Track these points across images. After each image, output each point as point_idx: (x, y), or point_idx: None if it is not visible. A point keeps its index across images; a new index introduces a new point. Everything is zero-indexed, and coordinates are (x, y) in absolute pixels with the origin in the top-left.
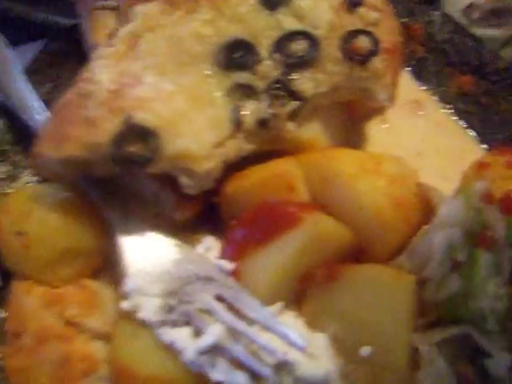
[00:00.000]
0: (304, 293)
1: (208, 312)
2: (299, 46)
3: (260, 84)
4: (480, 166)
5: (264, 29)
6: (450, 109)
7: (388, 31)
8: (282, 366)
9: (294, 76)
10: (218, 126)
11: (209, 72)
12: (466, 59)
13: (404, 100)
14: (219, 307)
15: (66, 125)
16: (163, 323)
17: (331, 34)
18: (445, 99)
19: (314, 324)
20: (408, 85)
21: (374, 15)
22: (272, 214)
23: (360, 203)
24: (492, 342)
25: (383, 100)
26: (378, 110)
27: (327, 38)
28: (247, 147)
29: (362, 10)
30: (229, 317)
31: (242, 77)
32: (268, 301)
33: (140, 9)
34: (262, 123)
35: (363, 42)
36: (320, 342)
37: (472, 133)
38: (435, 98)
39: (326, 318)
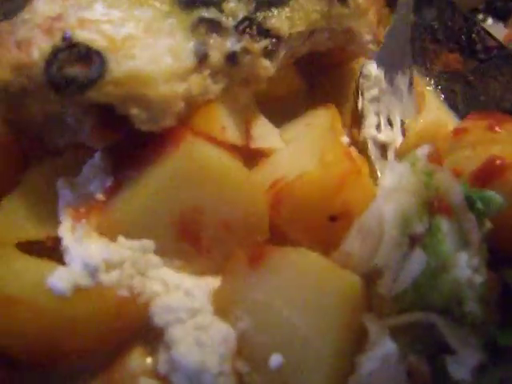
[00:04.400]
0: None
1: None
2: None
3: (228, 21)
4: (457, 132)
5: None
6: (432, 85)
7: None
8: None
9: (267, 14)
10: (179, 56)
11: (167, 10)
12: (455, 37)
13: None
14: None
15: None
16: None
17: None
18: (429, 76)
19: (222, 313)
20: None
21: None
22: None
23: None
24: (459, 335)
25: (367, 42)
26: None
27: None
28: (214, 87)
29: None
30: None
31: (208, 13)
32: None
33: None
34: (231, 58)
35: None
36: (218, 332)
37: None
38: (419, 73)
39: (238, 309)
